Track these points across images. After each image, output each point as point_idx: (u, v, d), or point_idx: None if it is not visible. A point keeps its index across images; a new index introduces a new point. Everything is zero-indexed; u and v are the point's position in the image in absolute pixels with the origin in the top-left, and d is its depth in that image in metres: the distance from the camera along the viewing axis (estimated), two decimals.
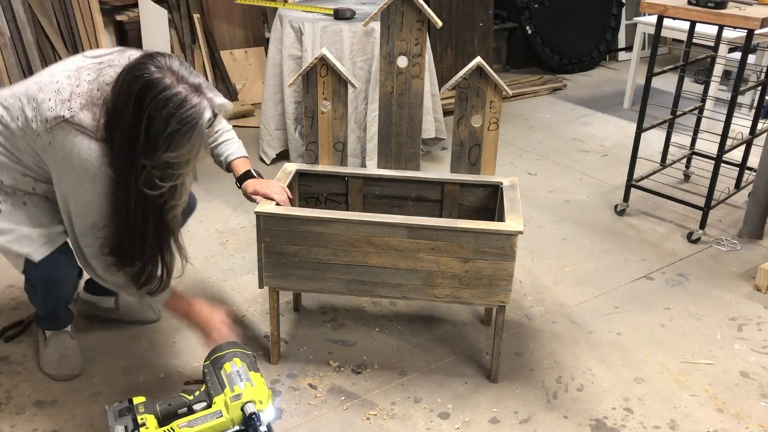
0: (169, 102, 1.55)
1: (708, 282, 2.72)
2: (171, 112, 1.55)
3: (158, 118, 1.55)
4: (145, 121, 1.56)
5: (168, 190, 1.66)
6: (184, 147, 1.60)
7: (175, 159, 1.61)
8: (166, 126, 1.56)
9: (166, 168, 1.62)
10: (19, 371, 2.16)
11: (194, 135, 1.60)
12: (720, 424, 2.01)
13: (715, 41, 3.33)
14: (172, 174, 1.64)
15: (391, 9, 2.11)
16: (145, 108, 1.55)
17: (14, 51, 3.81)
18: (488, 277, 1.97)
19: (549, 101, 4.94)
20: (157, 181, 1.63)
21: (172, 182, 1.65)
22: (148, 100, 1.55)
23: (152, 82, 1.55)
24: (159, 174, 1.62)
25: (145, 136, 1.57)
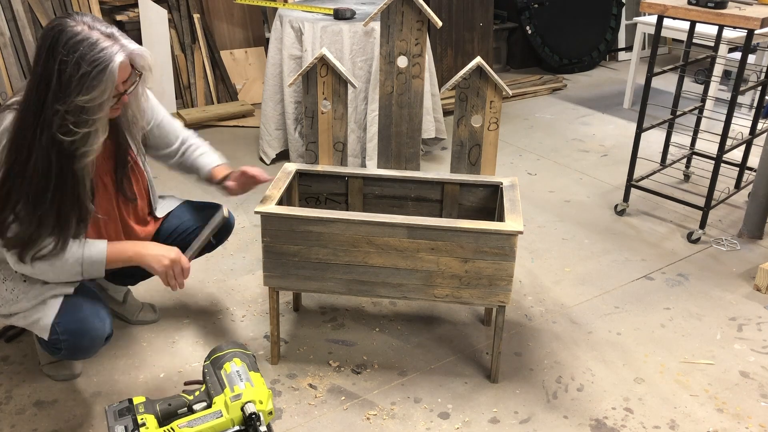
0: (79, 45, 1.61)
1: (708, 282, 2.72)
2: (83, 53, 1.61)
3: (70, 62, 1.60)
4: (57, 66, 1.61)
5: (81, 136, 1.67)
6: (96, 89, 1.63)
7: (88, 103, 1.63)
8: (78, 68, 1.61)
9: (80, 113, 1.64)
10: (19, 371, 2.16)
11: (106, 76, 1.63)
12: (720, 424, 2.01)
13: (715, 41, 3.33)
14: (86, 119, 1.66)
15: (391, 9, 2.11)
16: (58, 53, 1.61)
17: (14, 51, 3.81)
18: (488, 277, 1.97)
19: (549, 101, 4.94)
20: (71, 127, 1.65)
21: (86, 128, 1.67)
22: (60, 46, 1.61)
23: (63, 30, 1.62)
24: (73, 119, 1.64)
25: (58, 80, 1.61)
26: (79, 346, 1.85)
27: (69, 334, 1.82)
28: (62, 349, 1.85)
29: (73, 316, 1.83)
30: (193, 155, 2.16)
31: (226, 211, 2.04)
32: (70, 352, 1.87)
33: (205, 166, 2.15)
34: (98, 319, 1.86)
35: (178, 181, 3.21)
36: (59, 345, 1.84)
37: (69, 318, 1.83)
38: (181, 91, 4.47)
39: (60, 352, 1.87)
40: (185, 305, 2.50)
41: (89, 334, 1.84)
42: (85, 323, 1.84)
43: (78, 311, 1.85)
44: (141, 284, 2.42)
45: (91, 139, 1.70)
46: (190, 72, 4.43)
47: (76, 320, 1.83)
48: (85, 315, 1.84)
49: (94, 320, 1.85)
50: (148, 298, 2.50)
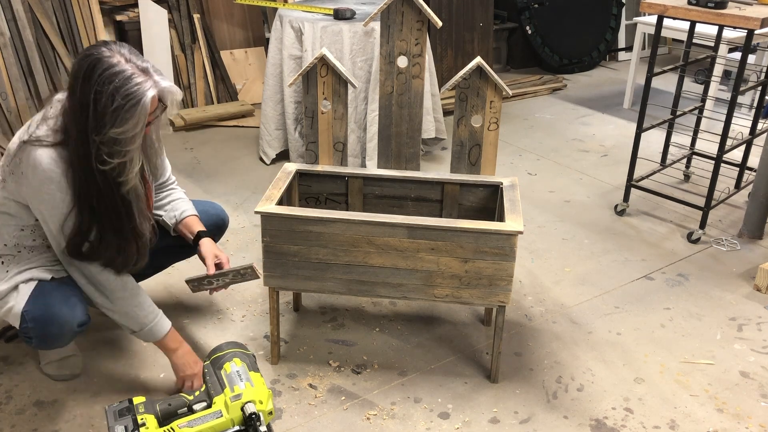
0: (114, 78, 1.64)
1: (708, 282, 2.72)
2: (116, 86, 1.64)
3: (105, 93, 1.64)
4: (93, 96, 1.65)
5: (116, 166, 1.73)
6: (129, 122, 1.67)
7: (121, 135, 1.68)
8: (113, 101, 1.64)
9: (114, 144, 1.69)
10: (19, 371, 2.16)
11: (138, 110, 1.67)
12: (720, 424, 2.01)
13: (715, 41, 3.33)
14: (119, 151, 1.70)
15: (391, 9, 2.11)
16: (93, 83, 1.64)
17: (14, 51, 3.81)
18: (488, 277, 1.97)
19: (549, 101, 4.94)
20: (105, 158, 1.70)
21: (119, 159, 1.72)
22: (96, 76, 1.64)
23: (100, 60, 1.66)
24: (107, 150, 1.69)
25: (94, 111, 1.66)
26: (48, 334, 1.84)
27: (35, 322, 1.82)
28: (32, 337, 1.85)
29: (41, 303, 1.84)
30: (169, 197, 2.19)
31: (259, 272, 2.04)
32: (40, 341, 1.86)
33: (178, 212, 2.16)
34: (67, 306, 1.84)
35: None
36: (29, 333, 1.85)
37: (37, 305, 1.83)
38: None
39: (32, 341, 1.87)
40: (185, 305, 2.50)
41: (56, 321, 1.83)
42: (52, 309, 1.83)
43: (47, 298, 1.85)
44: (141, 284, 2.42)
45: (126, 169, 1.75)
46: (190, 72, 4.43)
47: (43, 307, 1.83)
48: (53, 302, 1.84)
49: (62, 307, 1.84)
50: None
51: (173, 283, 2.60)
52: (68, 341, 1.94)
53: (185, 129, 4.23)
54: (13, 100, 3.81)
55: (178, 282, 2.61)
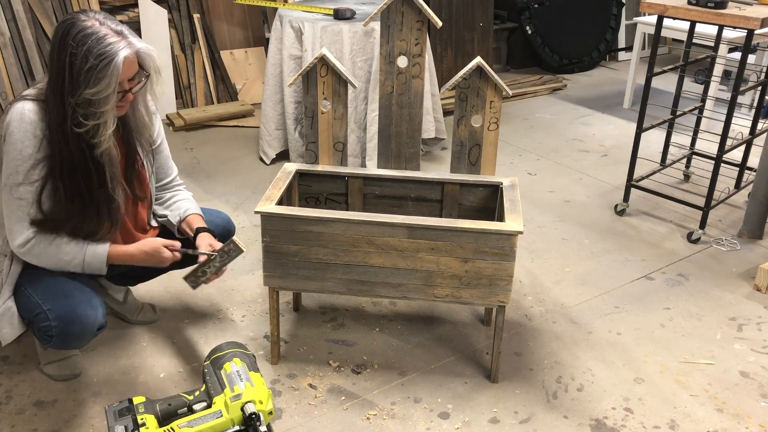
0: (88, 39, 1.68)
1: (708, 282, 2.72)
2: (90, 47, 1.68)
3: (79, 55, 1.68)
4: (68, 58, 1.68)
5: (92, 128, 1.75)
6: (101, 82, 1.69)
7: (95, 96, 1.70)
8: (86, 61, 1.68)
9: (88, 106, 1.72)
10: (19, 371, 2.16)
11: (111, 70, 1.69)
12: (720, 424, 2.01)
13: (715, 41, 3.33)
14: (93, 112, 1.72)
15: (391, 9, 2.11)
16: (67, 46, 1.68)
17: (14, 51, 3.81)
18: (488, 277, 1.97)
19: (549, 101, 4.94)
20: (81, 119, 1.73)
21: (94, 120, 1.74)
22: (69, 39, 1.68)
23: (74, 24, 1.70)
24: (82, 112, 1.72)
25: (69, 73, 1.69)
26: (70, 333, 1.85)
27: (60, 321, 1.83)
28: (53, 336, 1.85)
29: (65, 303, 1.84)
30: (175, 197, 2.19)
31: (243, 245, 2.01)
32: (61, 340, 1.86)
33: (183, 211, 2.15)
34: (90, 307, 1.86)
35: None
36: (50, 332, 1.85)
37: (60, 304, 1.84)
38: (181, 91, 4.47)
39: (51, 340, 1.87)
40: (185, 305, 2.50)
41: (80, 321, 1.84)
42: (76, 309, 1.84)
43: (70, 298, 1.85)
44: (141, 284, 2.42)
45: (100, 131, 1.76)
46: (190, 72, 4.43)
47: (67, 306, 1.84)
48: (77, 302, 1.85)
49: (86, 307, 1.86)
50: (148, 299, 2.50)
51: (173, 283, 2.60)
52: (86, 343, 1.95)
53: (185, 129, 4.23)
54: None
55: (178, 282, 2.61)
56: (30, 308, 1.88)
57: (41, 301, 1.85)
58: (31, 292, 1.88)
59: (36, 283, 1.89)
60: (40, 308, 1.84)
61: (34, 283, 1.89)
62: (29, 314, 1.88)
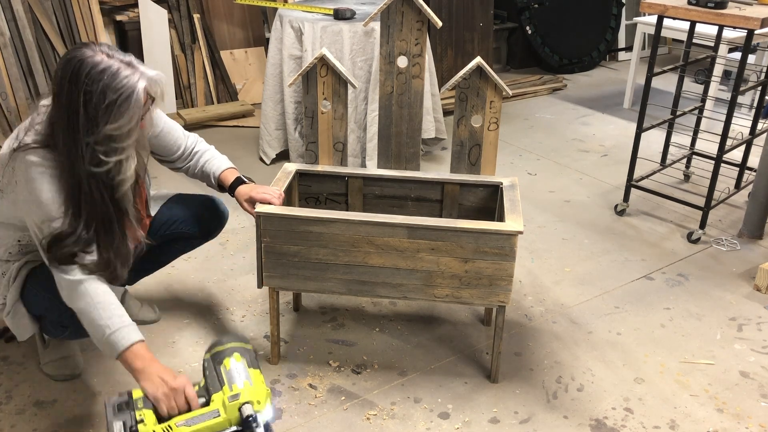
0: (103, 75, 1.61)
1: (708, 282, 2.72)
2: (106, 83, 1.61)
3: (95, 92, 1.61)
4: (82, 97, 1.61)
5: (114, 165, 1.69)
6: (123, 117, 1.64)
7: (116, 131, 1.64)
8: (104, 98, 1.61)
9: (109, 142, 1.65)
10: (19, 371, 2.16)
11: (132, 103, 1.64)
12: (720, 424, 2.01)
13: (715, 41, 3.33)
14: (115, 148, 1.67)
15: (391, 9, 2.11)
16: (81, 84, 1.60)
17: (14, 51, 3.81)
18: (488, 277, 1.97)
19: (549, 101, 4.94)
20: (102, 157, 1.66)
21: (117, 156, 1.68)
22: (82, 76, 1.60)
23: (83, 60, 1.62)
24: (103, 149, 1.65)
25: (85, 112, 1.61)
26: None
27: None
28: (68, 326, 1.84)
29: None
30: (199, 163, 2.16)
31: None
32: (77, 329, 1.81)
33: (212, 174, 2.14)
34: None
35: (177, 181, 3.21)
36: (65, 322, 1.84)
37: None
38: (181, 91, 4.47)
39: (66, 331, 1.86)
40: (185, 305, 2.50)
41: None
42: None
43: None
44: (141, 284, 2.42)
45: (124, 167, 1.71)
46: (190, 72, 4.43)
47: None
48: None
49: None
50: (148, 298, 2.50)
51: (173, 283, 2.60)
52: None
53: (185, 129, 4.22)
54: (13, 100, 3.81)
55: (178, 282, 2.62)
56: (40, 303, 1.88)
57: (51, 295, 1.82)
58: (38, 289, 1.88)
59: (42, 280, 1.88)
60: (52, 301, 1.83)
61: (40, 280, 1.88)
62: (40, 309, 1.88)
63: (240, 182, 2.12)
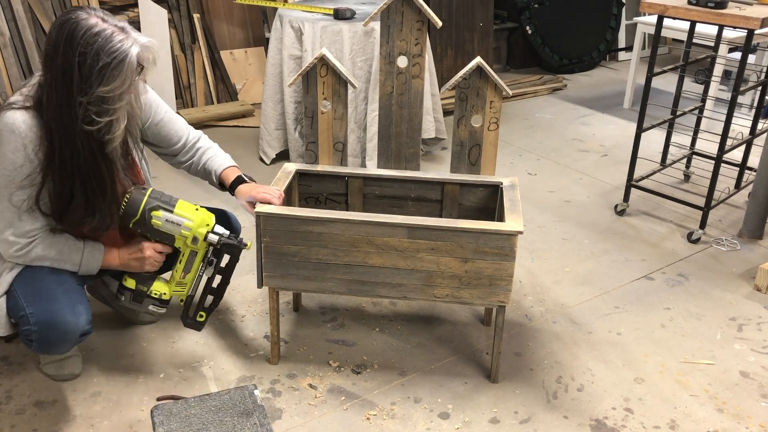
0: (98, 37, 1.67)
1: (708, 282, 2.72)
2: (101, 45, 1.67)
3: (89, 54, 1.67)
4: (77, 58, 1.67)
5: (105, 124, 1.75)
6: (116, 80, 1.69)
7: (108, 93, 1.70)
8: (98, 60, 1.67)
9: (102, 103, 1.71)
10: (19, 371, 2.16)
11: (125, 67, 1.70)
12: (720, 424, 2.01)
13: (715, 41, 3.33)
14: (107, 109, 1.73)
15: (391, 9, 2.11)
16: (76, 46, 1.66)
17: (14, 51, 3.81)
18: (488, 277, 1.97)
19: (549, 101, 4.94)
20: (94, 117, 1.72)
21: (108, 117, 1.74)
22: (78, 38, 1.66)
23: (79, 23, 1.68)
24: (95, 110, 1.72)
25: (79, 72, 1.67)
26: (49, 339, 1.84)
27: (39, 325, 1.82)
28: (33, 341, 1.85)
29: (47, 307, 1.83)
30: (201, 160, 2.16)
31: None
32: (41, 344, 1.85)
33: (213, 171, 2.15)
34: (72, 314, 1.84)
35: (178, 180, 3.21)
36: (31, 336, 1.84)
37: (42, 309, 1.83)
38: (181, 91, 4.47)
39: (32, 344, 1.86)
40: None
41: (60, 327, 1.83)
42: (56, 315, 1.83)
43: (53, 302, 1.84)
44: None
45: (113, 127, 1.77)
46: (190, 72, 4.43)
47: (48, 311, 1.82)
48: (59, 307, 1.84)
49: (67, 314, 1.84)
50: None
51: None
52: (68, 349, 1.94)
53: None
54: None
55: None
56: (16, 310, 1.87)
57: (26, 304, 1.84)
58: (19, 294, 1.87)
59: (25, 284, 1.88)
60: (24, 311, 1.84)
61: (24, 284, 1.88)
62: (15, 315, 1.88)
63: (241, 181, 2.12)
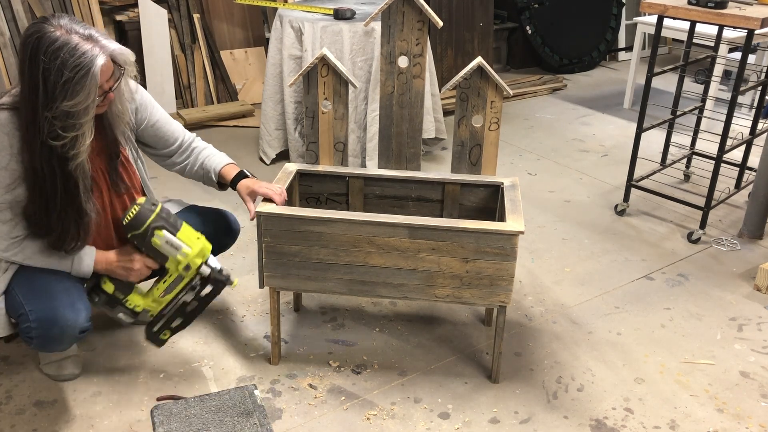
0: (60, 52, 1.65)
1: (708, 282, 2.72)
2: (63, 60, 1.65)
3: (53, 69, 1.65)
4: (41, 74, 1.66)
5: (70, 140, 1.72)
6: (80, 94, 1.67)
7: (73, 108, 1.68)
8: (61, 75, 1.65)
9: (67, 118, 1.69)
10: (19, 371, 2.16)
11: (89, 81, 1.68)
12: (720, 424, 2.01)
13: (715, 41, 3.33)
14: (72, 124, 1.70)
15: (392, 9, 2.11)
16: (39, 62, 1.65)
17: (14, 51, 3.81)
18: (489, 277, 1.97)
19: (549, 101, 4.94)
20: (59, 132, 1.70)
21: (73, 132, 1.71)
22: (41, 54, 1.65)
23: (42, 37, 1.66)
24: (60, 125, 1.69)
25: (44, 87, 1.66)
26: (49, 336, 1.84)
27: (39, 323, 1.82)
28: (33, 338, 1.84)
29: (46, 305, 1.83)
30: (198, 159, 2.17)
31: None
32: (41, 342, 1.85)
33: (212, 169, 2.15)
34: (72, 311, 1.84)
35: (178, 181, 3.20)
36: (30, 333, 1.84)
37: (42, 306, 1.83)
38: (181, 91, 4.47)
39: (32, 342, 1.86)
40: None
41: (59, 324, 1.83)
42: (56, 312, 1.82)
43: (53, 300, 1.84)
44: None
45: (78, 142, 1.74)
46: (190, 72, 4.43)
47: (48, 308, 1.82)
48: (58, 304, 1.83)
49: (67, 311, 1.83)
50: None
51: None
52: (68, 346, 1.93)
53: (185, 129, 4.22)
54: None
55: None
56: (15, 308, 1.87)
57: (25, 302, 1.84)
58: (17, 292, 1.87)
59: (24, 283, 1.88)
60: (23, 309, 1.83)
61: (23, 283, 1.88)
62: (14, 314, 1.88)
63: (243, 176, 2.13)
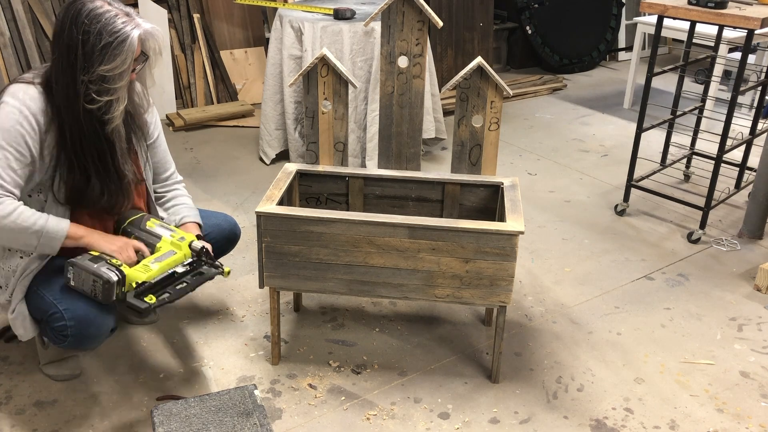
0: (101, 17, 1.74)
1: (708, 282, 2.72)
2: (104, 24, 1.74)
3: (92, 33, 1.73)
4: (81, 37, 1.73)
5: (104, 104, 1.80)
6: (117, 59, 1.75)
7: (109, 72, 1.76)
8: (100, 39, 1.73)
9: (102, 82, 1.77)
10: (19, 371, 2.16)
11: (126, 47, 1.75)
12: (720, 424, 2.01)
13: (715, 41, 3.33)
14: (107, 88, 1.78)
15: (392, 9, 2.11)
16: (80, 25, 1.73)
17: (14, 51, 3.81)
18: (489, 277, 1.97)
19: (549, 101, 4.94)
20: (94, 96, 1.78)
21: (108, 96, 1.79)
22: (83, 17, 1.74)
23: (85, 4, 1.76)
24: (96, 89, 1.77)
25: (83, 51, 1.74)
26: (86, 334, 1.85)
27: (77, 321, 1.83)
28: (69, 336, 1.84)
29: (82, 304, 1.84)
30: (174, 200, 2.18)
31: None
32: (77, 340, 1.85)
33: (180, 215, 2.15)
34: (105, 310, 1.87)
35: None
36: (66, 332, 1.84)
37: (76, 305, 1.84)
38: (181, 91, 4.47)
39: (66, 340, 1.86)
40: (185, 305, 2.50)
41: (96, 323, 1.85)
42: (91, 311, 1.84)
43: (83, 299, 1.85)
44: None
45: (113, 107, 1.81)
46: (190, 72, 4.43)
47: (84, 308, 1.84)
48: (91, 304, 1.85)
49: (101, 310, 1.86)
50: None
51: None
52: (99, 345, 1.96)
53: (185, 129, 4.22)
54: None
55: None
56: (44, 308, 1.87)
57: (57, 302, 1.85)
58: (44, 293, 1.88)
59: (49, 284, 1.89)
60: (56, 308, 1.84)
61: (47, 284, 1.89)
62: (42, 314, 1.88)
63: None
